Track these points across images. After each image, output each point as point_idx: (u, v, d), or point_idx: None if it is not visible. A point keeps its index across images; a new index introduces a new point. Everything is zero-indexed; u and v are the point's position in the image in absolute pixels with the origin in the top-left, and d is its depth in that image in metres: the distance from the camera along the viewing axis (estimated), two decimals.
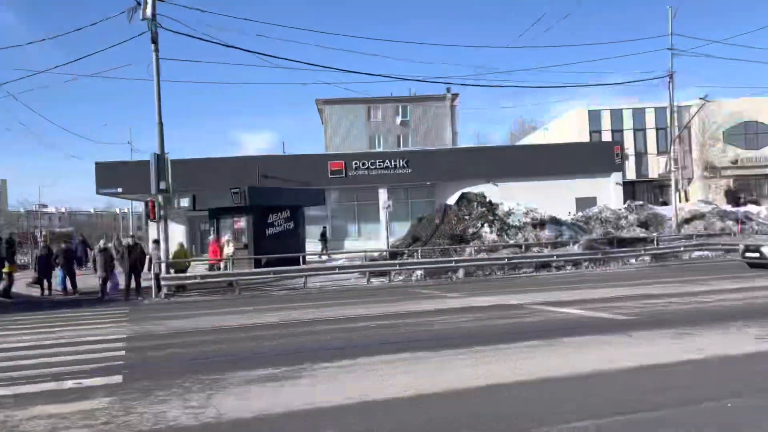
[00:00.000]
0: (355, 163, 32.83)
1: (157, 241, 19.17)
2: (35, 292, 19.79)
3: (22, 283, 20.64)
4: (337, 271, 20.20)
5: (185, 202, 24.30)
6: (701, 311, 10.68)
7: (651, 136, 44.18)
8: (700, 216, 26.85)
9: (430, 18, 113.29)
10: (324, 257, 26.36)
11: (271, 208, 24.08)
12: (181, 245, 20.67)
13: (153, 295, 17.83)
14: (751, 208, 30.62)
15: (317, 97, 53.09)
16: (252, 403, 5.87)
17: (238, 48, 22.03)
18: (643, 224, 25.19)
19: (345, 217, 35.17)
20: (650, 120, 43.98)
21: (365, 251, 23.49)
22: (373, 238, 33.00)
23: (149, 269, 18.27)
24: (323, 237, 30.17)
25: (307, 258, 22.87)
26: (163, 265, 18.32)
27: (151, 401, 6.09)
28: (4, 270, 18.42)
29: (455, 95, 52.49)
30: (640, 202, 28.89)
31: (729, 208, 30.40)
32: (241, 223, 23.68)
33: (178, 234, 32.45)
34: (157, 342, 9.82)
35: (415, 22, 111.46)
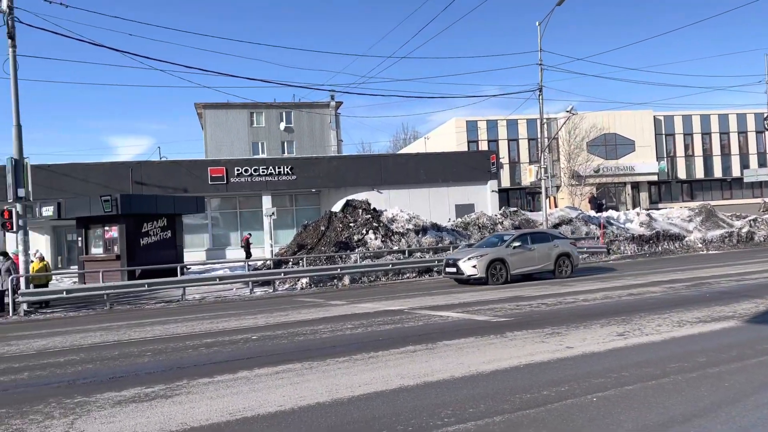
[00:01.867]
0: (237, 170, 31.98)
1: (4, 253, 17.46)
2: None
3: None
4: (217, 281, 19.46)
5: (49, 211, 22.43)
6: (571, 311, 11.38)
7: (524, 145, 46.87)
8: (568, 221, 28.73)
9: (310, 21, 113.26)
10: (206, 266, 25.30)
11: (146, 216, 22.87)
12: (41, 258, 19.02)
13: (10, 313, 16.24)
14: (612, 213, 33.25)
15: (197, 101, 51.19)
16: (122, 426, 5.46)
17: (108, 47, 20.66)
18: (517, 228, 26.54)
19: (227, 225, 34.14)
20: (523, 131, 46.64)
21: (249, 260, 22.88)
22: (256, 247, 32.28)
23: (2, 285, 16.60)
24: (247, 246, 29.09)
25: (186, 269, 21.87)
26: (22, 280, 16.75)
27: (5, 431, 5.49)
28: None
29: (339, 103, 52.66)
30: (514, 209, 30.45)
31: (593, 213, 32.82)
32: (113, 232, 22.26)
33: (41, 245, 29.98)
34: (14, 364, 8.91)
35: (295, 27, 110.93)
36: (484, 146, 44.84)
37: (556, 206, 37.95)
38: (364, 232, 23.31)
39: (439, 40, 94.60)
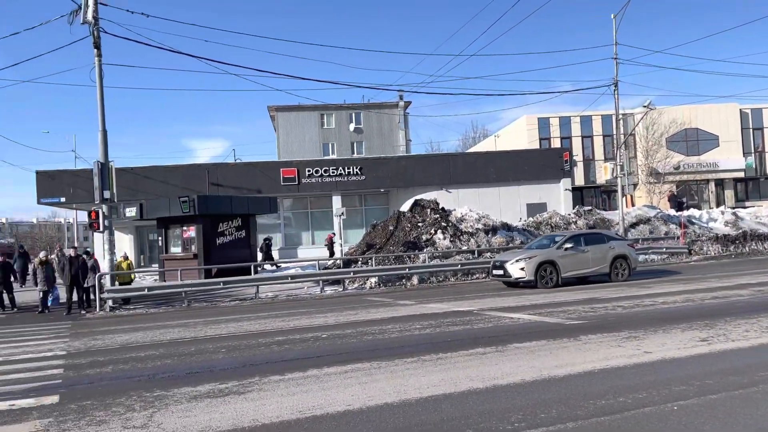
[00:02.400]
0: (308, 171, 32.53)
1: (88, 252, 18.57)
2: None
3: None
4: (289, 280, 19.89)
5: (132, 212, 23.56)
6: (650, 315, 10.90)
7: (598, 142, 45.38)
8: (646, 220, 27.61)
9: (378, 21, 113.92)
10: (269, 267, 25.86)
11: (222, 216, 23.61)
12: (126, 257, 19.99)
13: (97, 309, 17.17)
14: (694, 212, 31.69)
15: (269, 104, 52.52)
16: (197, 421, 5.63)
17: (186, 54, 21.60)
18: (591, 228, 25.71)
19: (298, 225, 34.79)
20: (597, 127, 45.17)
21: (320, 259, 23.25)
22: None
23: (87, 282, 17.55)
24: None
25: (272, 265, 22.45)
26: (107, 278, 17.66)
27: (89, 422, 5.78)
28: None
29: (408, 102, 52.72)
30: (588, 208, 29.54)
31: (673, 212, 31.40)
32: (191, 232, 23.13)
33: (125, 244, 31.55)
34: (99, 358, 9.40)
35: (367, 27, 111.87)
36: (556, 144, 43.72)
37: (632, 205, 36.53)
38: (432, 231, 23.20)
39: (509, 37, 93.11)
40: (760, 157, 46.30)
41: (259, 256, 26.83)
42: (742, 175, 45.47)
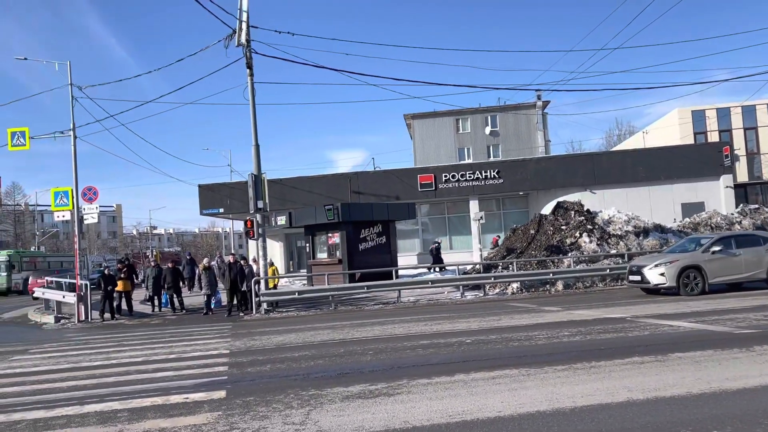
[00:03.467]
0: (445, 176, 32.62)
1: (245, 258, 20.14)
2: (147, 309, 21.00)
3: (135, 302, 21.95)
4: (430, 284, 20.03)
5: (282, 220, 25.04)
6: None
7: (764, 134, 41.06)
8: None
9: (518, 19, 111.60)
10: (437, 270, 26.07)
11: (363, 223, 24.35)
12: (271, 263, 21.25)
13: (253, 311, 18.41)
14: None
15: (405, 112, 53.44)
16: (351, 420, 5.82)
17: (327, 67, 22.66)
18: (759, 229, 23.25)
19: (435, 230, 34.97)
20: (763, 117, 40.89)
21: (458, 264, 23.18)
22: (464, 251, 32.60)
23: (246, 286, 18.85)
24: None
25: (400, 272, 22.85)
26: (262, 282, 18.88)
27: (253, 416, 6.18)
28: (117, 288, 19.66)
29: (546, 102, 51.12)
30: (756, 206, 26.74)
31: None
32: (335, 238, 24.10)
33: (276, 251, 33.59)
34: (258, 357, 10.05)
35: (502, 28, 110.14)
36: (713, 137, 40.13)
37: None
38: (577, 235, 22.26)
39: (653, 28, 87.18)
40: None
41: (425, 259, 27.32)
42: None
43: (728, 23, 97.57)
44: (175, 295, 20.32)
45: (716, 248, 15.78)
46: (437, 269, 25.72)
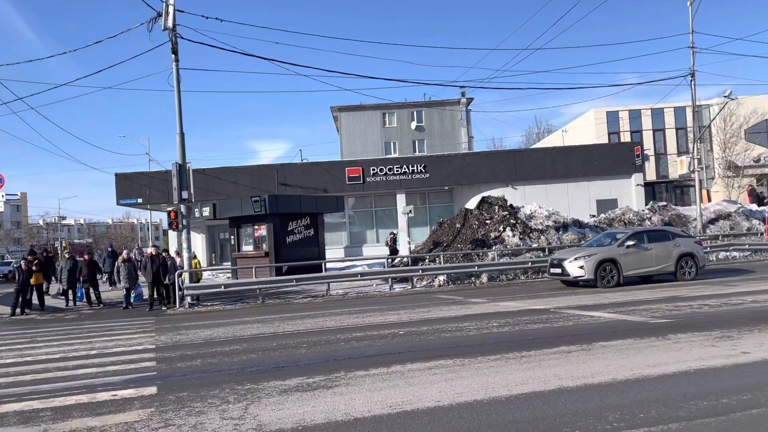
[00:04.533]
0: (373, 169, 32.75)
1: (166, 251, 19.50)
2: (60, 304, 19.92)
3: (47, 296, 20.77)
4: (359, 277, 20.09)
5: (206, 211, 24.37)
6: (741, 314, 10.42)
7: (670, 135, 43.71)
8: (726, 216, 26.38)
9: (446, 20, 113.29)
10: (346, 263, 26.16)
11: (291, 215, 24.10)
12: (194, 255, 20.68)
13: (177, 305, 17.84)
14: None
15: (332, 104, 53.17)
16: (291, 414, 5.76)
17: (256, 56, 22.09)
18: (667, 225, 24.78)
19: (362, 223, 35.10)
20: (669, 120, 43.52)
21: (386, 257, 23.36)
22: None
23: (169, 279, 18.25)
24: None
25: (328, 265, 22.78)
26: (186, 275, 18.32)
27: (188, 412, 6.01)
28: (32, 282, 18.53)
29: (470, 99, 52.24)
30: (663, 203, 28.46)
31: (754, 207, 29.87)
32: (262, 231, 23.71)
33: (198, 243, 32.65)
34: (187, 352, 9.76)
35: (431, 25, 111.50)
36: (625, 138, 42.37)
37: (708, 200, 34.96)
38: (501, 229, 22.92)
39: (575, 30, 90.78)
40: None
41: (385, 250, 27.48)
42: None
43: (641, 30, 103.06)
44: (91, 289, 19.39)
45: (630, 243, 16.67)
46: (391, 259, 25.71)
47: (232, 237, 25.11)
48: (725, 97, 25.55)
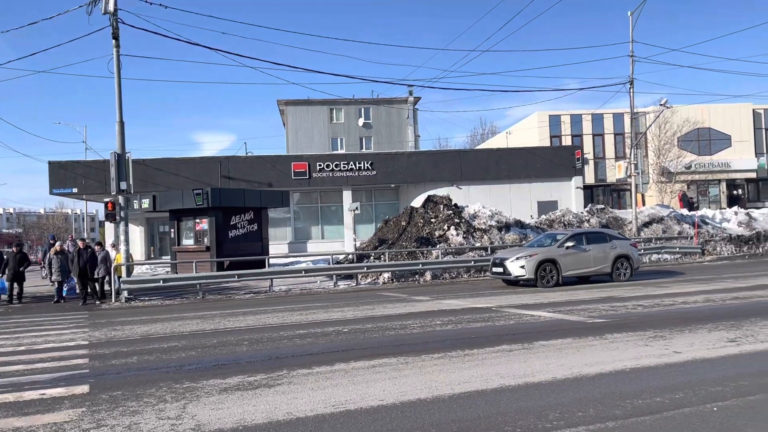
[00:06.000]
0: (319, 165, 32.52)
1: (100, 243, 18.79)
2: None
3: None
4: (303, 274, 19.89)
5: (145, 203, 23.59)
6: (672, 315, 10.84)
7: (609, 141, 45.19)
8: (659, 219, 27.48)
9: (393, 17, 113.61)
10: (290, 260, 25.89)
11: (234, 209, 23.63)
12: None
13: (112, 300, 17.21)
14: (706, 212, 31.52)
15: (279, 98, 52.51)
16: (231, 413, 5.61)
17: (201, 45, 21.52)
18: (605, 227, 25.62)
19: (308, 218, 34.80)
20: (608, 125, 44.98)
21: (331, 254, 23.23)
22: (336, 240, 32.78)
23: (97, 274, 17.60)
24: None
25: (271, 261, 22.45)
26: (124, 269, 17.70)
27: (123, 412, 5.77)
28: None
29: (417, 98, 52.57)
30: (601, 206, 29.41)
31: (685, 212, 31.24)
32: (204, 224, 23.15)
33: (136, 236, 31.63)
34: (122, 348, 9.40)
35: (378, 22, 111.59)
36: (567, 141, 43.56)
37: (643, 204, 36.36)
38: (445, 228, 23.16)
39: (521, 34, 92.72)
40: None
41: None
42: (754, 175, 45.22)
43: (585, 38, 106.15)
44: (15, 283, 18.32)
45: (570, 244, 17.12)
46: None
47: (173, 230, 24.41)
48: (661, 105, 26.60)
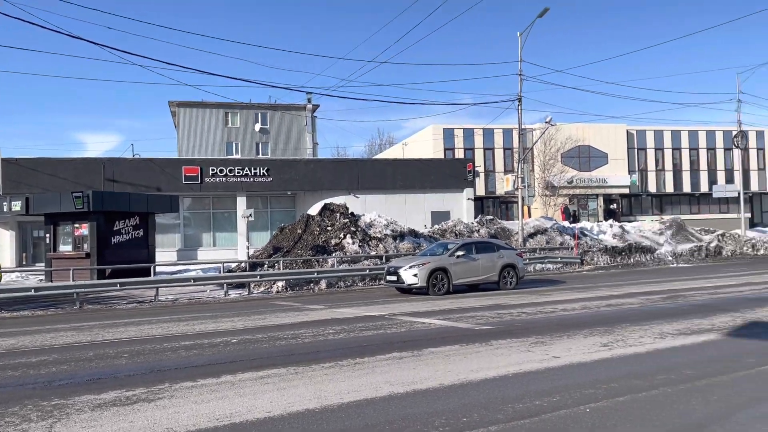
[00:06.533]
0: (212, 170, 31.53)
1: None
2: None
3: None
4: (192, 282, 19.12)
5: (17, 206, 21.78)
6: (553, 321, 11.42)
7: (499, 155, 47.22)
8: (543, 231, 29.01)
9: (291, 23, 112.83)
10: (177, 267, 24.84)
11: (118, 214, 22.38)
12: None
13: None
14: (586, 224, 33.68)
15: (171, 99, 50.47)
16: (104, 431, 5.25)
17: (84, 39, 20.16)
18: (493, 237, 26.69)
19: (199, 225, 33.59)
20: (499, 140, 47.01)
21: (222, 262, 22.51)
22: (229, 248, 31.87)
23: None
24: None
25: (158, 269, 21.44)
26: None
27: None
28: None
29: (316, 106, 52.42)
30: (491, 217, 30.63)
31: (566, 224, 33.21)
32: (83, 229, 21.72)
33: (5, 241, 29.16)
34: None
35: (279, 28, 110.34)
36: (460, 154, 45.05)
37: (529, 216, 38.27)
38: (341, 236, 23.17)
39: (420, 47, 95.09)
40: (642, 176, 49.99)
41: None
42: (627, 191, 48.90)
43: (480, 55, 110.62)
44: None
45: (460, 253, 17.64)
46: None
47: (48, 235, 22.68)
48: (546, 122, 28.17)
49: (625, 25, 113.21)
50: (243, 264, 22.59)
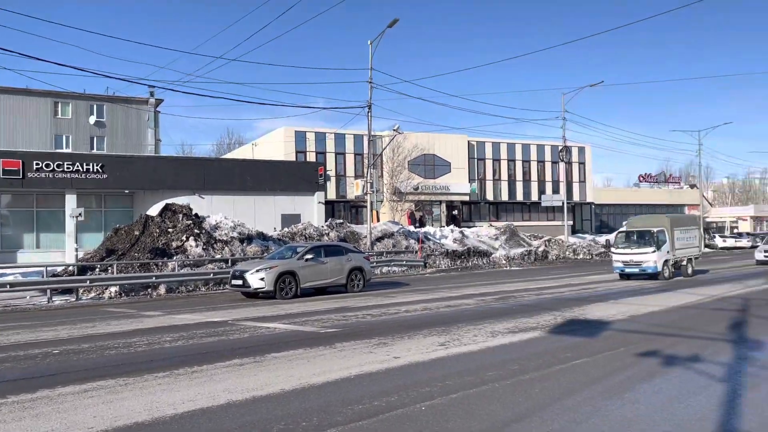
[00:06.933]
0: (37, 164, 28.58)
1: None
2: None
3: None
4: (8, 288, 17.16)
5: None
6: (396, 322, 11.74)
7: (350, 160, 47.90)
8: (390, 235, 29.87)
9: (135, 13, 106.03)
10: None
11: None
12: None
13: None
14: (429, 229, 35.21)
15: None
16: None
17: None
18: (342, 241, 26.97)
19: (20, 224, 30.31)
20: (350, 145, 47.70)
21: (47, 265, 20.43)
22: (55, 250, 29.09)
23: None
24: None
25: None
26: None
27: None
28: None
29: (159, 100, 49.61)
30: (341, 221, 30.95)
31: (412, 228, 34.47)
32: None
33: None
34: None
35: (118, 17, 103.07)
36: (311, 157, 45.03)
37: (378, 220, 39.21)
38: (184, 238, 22.09)
39: (275, 50, 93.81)
40: (481, 184, 53.39)
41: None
42: (468, 198, 51.90)
43: (333, 60, 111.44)
44: None
45: (309, 256, 17.58)
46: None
47: None
48: (394, 130, 29.09)
49: (467, 39, 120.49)
50: (71, 267, 20.70)
